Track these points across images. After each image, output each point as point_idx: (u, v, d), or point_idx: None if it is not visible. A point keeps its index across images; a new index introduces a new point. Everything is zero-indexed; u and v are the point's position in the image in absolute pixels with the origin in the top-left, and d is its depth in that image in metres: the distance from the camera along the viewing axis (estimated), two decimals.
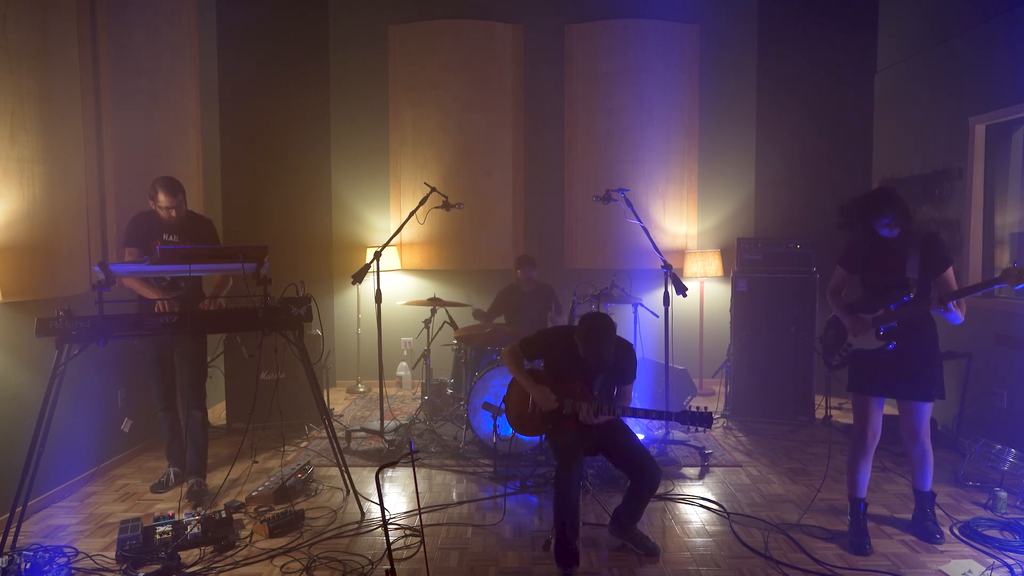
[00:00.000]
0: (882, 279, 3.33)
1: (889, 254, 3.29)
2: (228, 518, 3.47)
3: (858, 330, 3.35)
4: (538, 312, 5.56)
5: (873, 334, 3.30)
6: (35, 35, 3.78)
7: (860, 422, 3.42)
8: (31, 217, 3.74)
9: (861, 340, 3.36)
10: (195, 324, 3.51)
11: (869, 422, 3.40)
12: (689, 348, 6.56)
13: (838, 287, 3.55)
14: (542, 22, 6.63)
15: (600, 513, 3.74)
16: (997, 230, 4.84)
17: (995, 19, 4.64)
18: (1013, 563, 3.15)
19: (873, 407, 3.39)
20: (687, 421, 3.26)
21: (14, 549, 3.15)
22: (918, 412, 3.33)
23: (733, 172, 6.67)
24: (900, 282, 3.27)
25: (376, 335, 4.87)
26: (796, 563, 3.19)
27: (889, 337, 3.27)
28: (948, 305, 3.04)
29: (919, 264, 3.22)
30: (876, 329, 3.29)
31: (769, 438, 5.14)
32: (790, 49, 6.39)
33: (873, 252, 3.34)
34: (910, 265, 3.23)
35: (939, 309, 3.07)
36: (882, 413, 3.43)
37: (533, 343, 3.58)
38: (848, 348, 3.41)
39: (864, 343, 3.34)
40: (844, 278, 3.53)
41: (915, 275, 3.22)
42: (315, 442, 5.02)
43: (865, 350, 3.34)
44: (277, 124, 6.28)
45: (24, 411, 3.67)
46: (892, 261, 3.29)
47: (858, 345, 3.37)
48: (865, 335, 3.34)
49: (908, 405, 3.35)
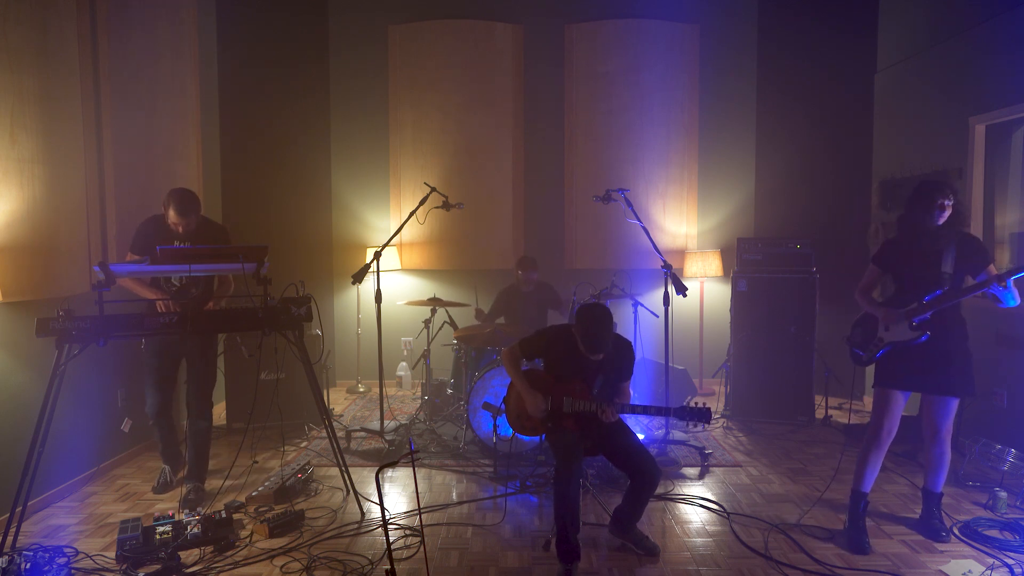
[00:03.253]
0: (918, 273, 3.34)
1: (928, 250, 3.31)
2: (228, 518, 3.47)
3: (890, 321, 3.37)
4: (538, 312, 5.57)
5: (906, 326, 3.32)
6: (35, 35, 3.78)
7: (879, 416, 3.43)
8: (31, 217, 3.74)
9: (893, 332, 3.36)
10: (195, 324, 3.51)
11: (888, 417, 3.41)
12: (689, 348, 6.56)
13: (869, 286, 3.58)
14: (542, 22, 6.63)
15: (600, 513, 3.74)
16: (997, 230, 4.84)
17: (995, 19, 4.64)
18: (1013, 563, 3.15)
19: (896, 403, 3.40)
20: (686, 417, 3.27)
21: (14, 549, 3.15)
22: (944, 407, 3.35)
23: (733, 172, 6.67)
24: (935, 276, 3.29)
25: (376, 335, 4.87)
26: (796, 563, 3.19)
27: (922, 328, 3.29)
28: (1008, 282, 3.06)
29: (954, 260, 3.26)
30: (909, 321, 3.31)
31: (769, 438, 5.14)
32: (790, 49, 6.39)
33: (914, 247, 3.35)
34: (945, 260, 3.27)
35: (999, 288, 3.08)
36: (902, 411, 3.43)
37: (532, 343, 3.58)
38: (880, 342, 3.41)
39: (896, 335, 3.35)
40: (876, 276, 3.57)
41: (949, 271, 3.26)
42: (315, 442, 5.02)
43: (897, 342, 3.36)
44: (277, 124, 6.28)
45: (24, 411, 3.67)
46: (931, 256, 3.30)
47: (890, 338, 3.38)
48: (897, 327, 3.35)
49: (934, 400, 3.36)
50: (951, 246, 3.28)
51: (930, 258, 3.31)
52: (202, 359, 4.03)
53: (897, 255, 3.45)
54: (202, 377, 4.05)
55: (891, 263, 3.49)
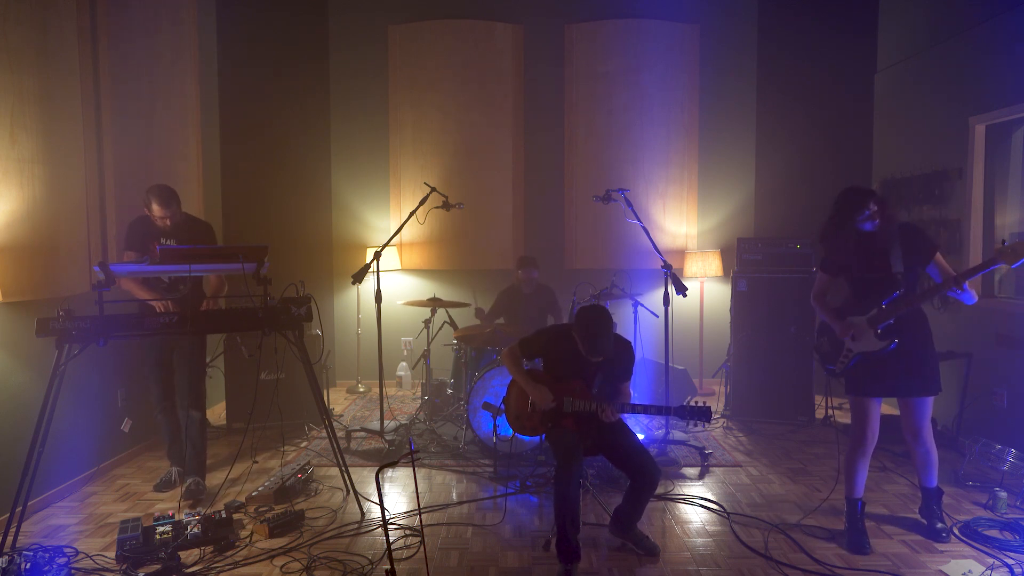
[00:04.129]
0: (869, 277, 3.29)
1: (872, 252, 3.26)
2: (228, 518, 3.47)
3: (853, 332, 3.32)
4: (538, 313, 5.57)
5: (872, 335, 3.27)
6: (35, 35, 3.78)
7: (859, 424, 3.40)
8: (31, 217, 3.74)
9: (861, 343, 3.30)
10: (195, 324, 3.51)
11: (868, 424, 3.38)
12: (689, 348, 6.56)
13: (821, 291, 3.51)
14: (542, 22, 6.63)
15: (600, 513, 3.74)
16: (997, 230, 4.84)
17: (995, 19, 4.64)
18: (1013, 563, 3.15)
19: (873, 409, 3.38)
20: (686, 416, 3.27)
21: (14, 549, 3.15)
22: (920, 409, 3.32)
23: (733, 172, 6.67)
24: (888, 278, 3.23)
25: (376, 335, 4.87)
26: (796, 563, 3.19)
27: (889, 335, 3.24)
28: (963, 284, 3.02)
29: (902, 256, 3.20)
30: (874, 329, 3.26)
31: (769, 438, 5.14)
32: (790, 49, 6.39)
33: (856, 252, 3.29)
34: (893, 260, 3.21)
35: (955, 291, 3.04)
36: (879, 414, 3.42)
37: (532, 342, 3.59)
38: (849, 353, 3.35)
39: (864, 345, 3.29)
40: (826, 282, 3.50)
41: (900, 269, 3.20)
42: (315, 442, 5.02)
43: (868, 352, 3.29)
44: (277, 124, 6.28)
45: (24, 411, 3.67)
46: (877, 259, 3.25)
47: (858, 349, 3.31)
48: (862, 337, 3.31)
49: (910, 403, 3.33)
50: (895, 242, 3.21)
51: (876, 259, 3.25)
52: (189, 349, 4.04)
53: (841, 261, 3.36)
54: (190, 369, 4.07)
55: (837, 269, 3.41)
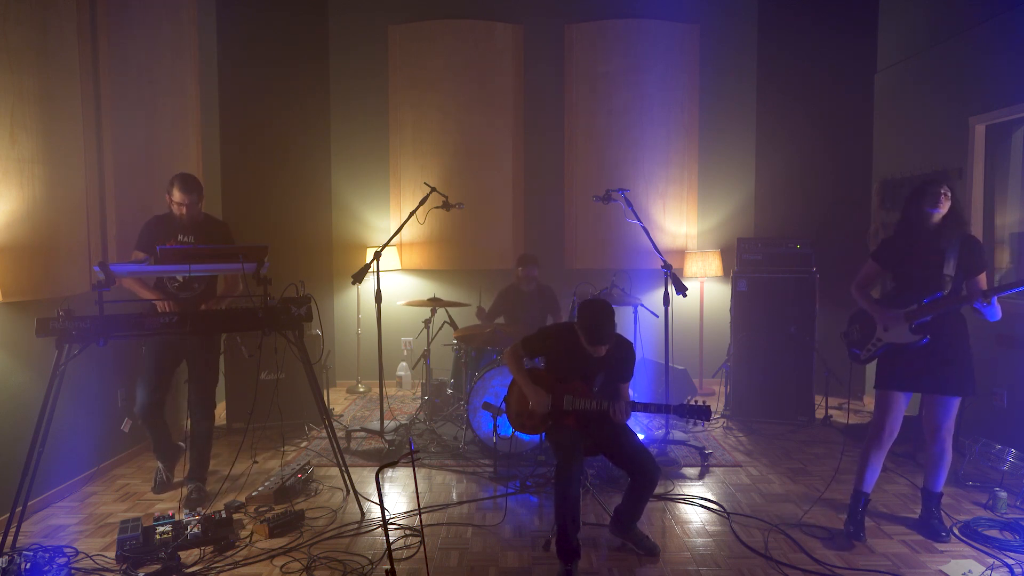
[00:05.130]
0: (919, 272, 3.33)
1: (932, 249, 3.29)
2: (228, 518, 3.47)
3: (889, 323, 3.35)
4: (538, 313, 5.56)
5: (906, 328, 3.30)
6: (35, 35, 3.78)
7: (881, 417, 3.43)
8: (31, 217, 3.74)
9: (892, 334, 3.34)
10: (195, 324, 3.51)
11: (890, 418, 3.40)
12: (689, 348, 6.56)
13: (867, 282, 3.55)
14: (542, 22, 6.63)
15: (600, 513, 3.74)
16: (997, 230, 4.84)
17: (995, 19, 4.64)
18: (1013, 563, 3.15)
19: (897, 404, 3.40)
20: (686, 414, 3.29)
21: (14, 549, 3.15)
22: (945, 407, 3.34)
23: (733, 172, 6.68)
24: (936, 277, 3.27)
25: (376, 335, 4.87)
26: (796, 563, 3.19)
27: (923, 331, 3.28)
28: (992, 299, 3.08)
29: (956, 262, 3.25)
30: (909, 323, 3.29)
31: (769, 438, 5.14)
32: (790, 49, 6.39)
33: (915, 246, 3.34)
34: (947, 263, 3.25)
35: (982, 304, 3.10)
36: (903, 412, 3.43)
37: (534, 341, 3.58)
38: (878, 342, 3.40)
39: (896, 336, 3.33)
40: (875, 273, 3.54)
41: (951, 273, 3.24)
42: (315, 442, 5.02)
43: (897, 344, 3.34)
44: (277, 124, 6.28)
45: (24, 411, 3.67)
46: (933, 256, 3.29)
47: (889, 339, 3.36)
48: (895, 327, 3.33)
49: (935, 399, 3.36)
50: (954, 248, 3.26)
51: (932, 259, 3.30)
52: (203, 360, 4.02)
53: (898, 254, 3.43)
54: (204, 378, 4.04)
55: (891, 261, 3.46)
